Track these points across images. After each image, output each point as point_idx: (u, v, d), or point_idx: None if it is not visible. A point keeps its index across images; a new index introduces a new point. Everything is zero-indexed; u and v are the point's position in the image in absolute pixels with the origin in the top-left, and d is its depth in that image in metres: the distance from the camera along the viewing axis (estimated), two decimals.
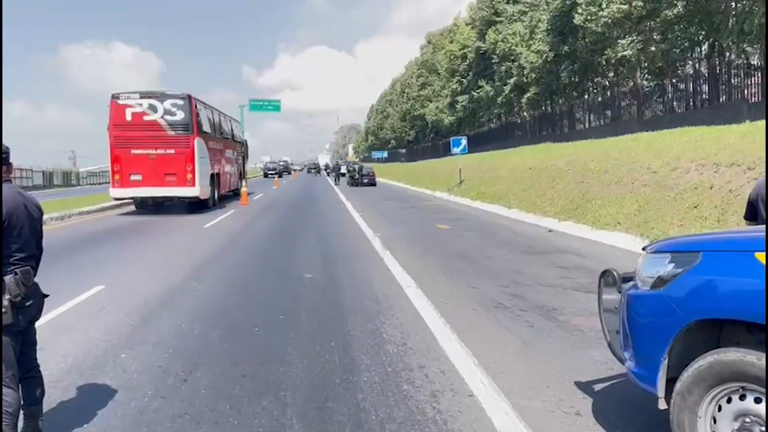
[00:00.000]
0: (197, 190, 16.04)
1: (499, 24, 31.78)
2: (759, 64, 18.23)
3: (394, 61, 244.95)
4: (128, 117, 15.80)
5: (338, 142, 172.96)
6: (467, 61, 38.83)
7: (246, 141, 27.85)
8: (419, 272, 7.16)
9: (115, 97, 15.88)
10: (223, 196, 19.93)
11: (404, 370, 3.72)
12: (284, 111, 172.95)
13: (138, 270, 7.48)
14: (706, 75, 20.70)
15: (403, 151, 68.19)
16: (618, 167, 13.20)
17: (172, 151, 15.89)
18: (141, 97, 16.03)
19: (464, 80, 39.41)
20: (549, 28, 25.42)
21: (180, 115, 16.04)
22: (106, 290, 6.22)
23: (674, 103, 21.97)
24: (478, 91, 35.09)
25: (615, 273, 2.96)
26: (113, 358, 4.02)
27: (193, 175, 16.00)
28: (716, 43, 19.66)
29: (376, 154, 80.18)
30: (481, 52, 34.82)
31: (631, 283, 2.83)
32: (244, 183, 22.74)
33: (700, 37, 20.72)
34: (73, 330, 4.74)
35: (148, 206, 17.23)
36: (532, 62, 26.35)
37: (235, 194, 21.69)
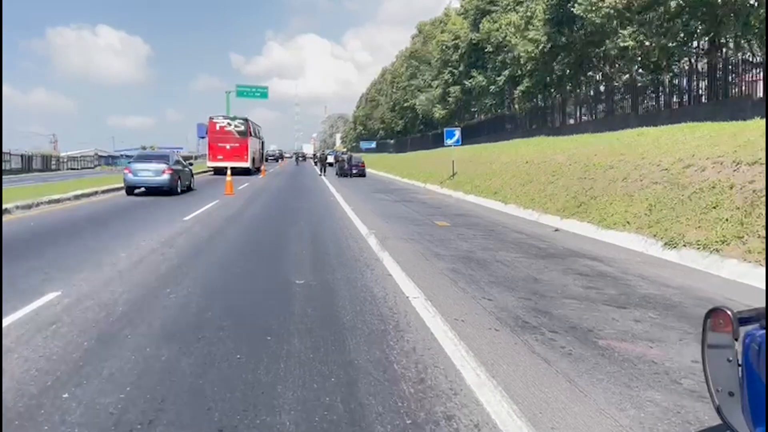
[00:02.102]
0: (249, 164, 33.21)
1: (493, 13, 30.94)
2: (758, 60, 17.67)
3: (385, 50, 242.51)
4: (217, 128, 33.36)
5: (326, 131, 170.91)
6: (459, 51, 37.93)
7: (263, 138, 45.40)
8: (425, 279, 6.34)
9: (211, 118, 33.69)
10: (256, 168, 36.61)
11: (428, 423, 2.90)
12: (272, 99, 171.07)
13: (106, 269, 6.49)
14: (701, 70, 20.14)
15: (392, 141, 67.20)
16: (624, 163, 12.52)
17: (237, 145, 33.07)
18: (224, 119, 34.08)
19: (456, 71, 38.53)
20: (546, 18, 24.65)
21: (242, 128, 33.71)
22: (61, 298, 5.30)
23: (673, 98, 21.40)
24: (470, 81, 34.26)
25: (729, 313, 2.15)
26: (52, 400, 3.13)
27: (247, 157, 33.29)
28: (716, 38, 19.06)
29: (364, 145, 79.04)
30: (474, 42, 33.96)
31: (759, 331, 2.04)
32: (263, 165, 42.16)
33: (699, 31, 20.10)
34: (11, 355, 3.83)
35: (221, 173, 28.28)
36: (528, 51, 25.59)
37: (258, 170, 36.30)
